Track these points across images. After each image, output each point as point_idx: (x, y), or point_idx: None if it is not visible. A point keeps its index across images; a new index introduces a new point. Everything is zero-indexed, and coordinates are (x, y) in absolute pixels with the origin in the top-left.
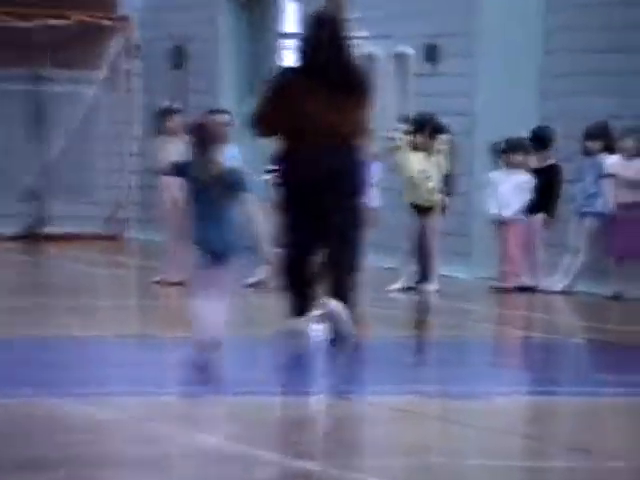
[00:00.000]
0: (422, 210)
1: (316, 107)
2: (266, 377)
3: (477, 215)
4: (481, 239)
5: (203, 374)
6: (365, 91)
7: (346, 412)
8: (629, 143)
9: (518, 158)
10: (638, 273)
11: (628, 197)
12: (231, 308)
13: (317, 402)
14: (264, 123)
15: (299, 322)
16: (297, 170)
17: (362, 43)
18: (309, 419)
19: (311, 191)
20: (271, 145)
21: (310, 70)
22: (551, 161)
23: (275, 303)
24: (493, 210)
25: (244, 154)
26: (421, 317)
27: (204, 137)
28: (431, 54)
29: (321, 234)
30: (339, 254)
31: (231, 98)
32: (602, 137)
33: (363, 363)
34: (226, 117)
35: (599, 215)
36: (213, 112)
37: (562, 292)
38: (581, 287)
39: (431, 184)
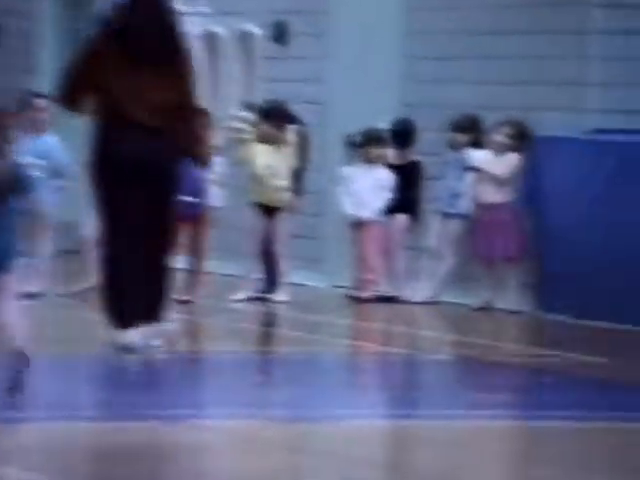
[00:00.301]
0: (269, 210)
1: (127, 80)
2: (86, 399)
3: (331, 216)
4: (336, 243)
5: (9, 397)
6: (187, 65)
7: (181, 439)
8: (500, 137)
9: (376, 152)
10: (507, 280)
11: (496, 196)
12: (29, 319)
13: (147, 428)
14: (70, 96)
15: (125, 335)
16: (108, 152)
17: (201, 20)
18: (136, 447)
19: (124, 178)
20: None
21: (124, 37)
22: (413, 157)
23: (98, 314)
24: (349, 210)
25: (69, 142)
26: (268, 331)
27: None
28: (279, 34)
29: (136, 228)
30: (148, 254)
31: (50, 80)
32: (470, 130)
33: (202, 382)
34: (43, 102)
35: (465, 216)
36: (29, 95)
37: (426, 302)
38: (447, 296)
39: (279, 181)
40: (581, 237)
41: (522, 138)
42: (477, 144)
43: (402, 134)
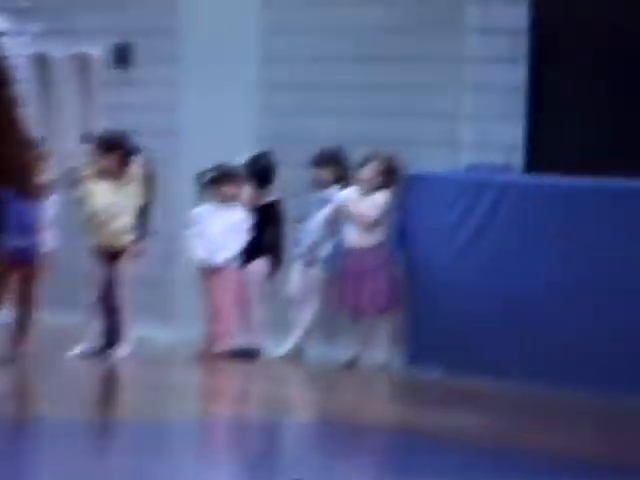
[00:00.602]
0: (110, 254)
1: None
2: None
3: (181, 261)
4: (186, 291)
5: None
6: (8, 92)
7: None
8: (367, 174)
9: (231, 191)
10: (376, 333)
11: (364, 239)
12: None
13: None
14: None
15: None
16: None
17: (32, 40)
18: None
19: None
20: None
21: None
22: (272, 196)
23: None
24: (200, 255)
25: None
26: (109, 391)
27: None
28: (122, 56)
29: None
30: None
31: None
32: (334, 166)
33: (28, 451)
34: None
35: (329, 261)
36: None
37: (287, 357)
38: (310, 351)
39: (121, 221)
40: (456, 285)
41: (391, 175)
42: (343, 181)
43: (260, 171)
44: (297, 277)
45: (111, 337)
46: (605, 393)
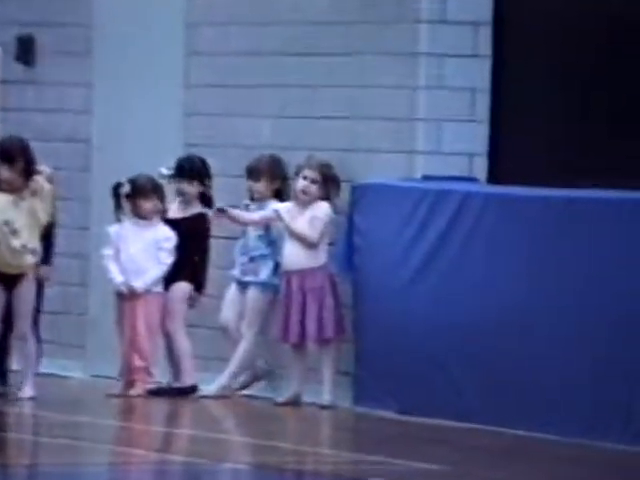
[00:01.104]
0: (8, 279)
1: None
2: None
3: (94, 286)
4: (99, 321)
5: None
6: None
7: None
8: (301, 184)
9: (150, 205)
10: (319, 367)
11: (305, 260)
12: None
13: None
14: None
15: None
16: None
17: None
18: None
19: None
20: None
21: None
22: (199, 209)
23: None
24: (117, 279)
25: None
26: (8, 437)
27: None
28: (25, 51)
29: None
30: None
31: None
32: (272, 176)
33: None
34: None
35: (266, 285)
36: None
37: (217, 395)
38: (247, 388)
39: (20, 241)
40: (409, 312)
41: (329, 184)
42: (282, 195)
43: (192, 168)
44: (230, 303)
45: (3, 375)
46: (573, 435)
